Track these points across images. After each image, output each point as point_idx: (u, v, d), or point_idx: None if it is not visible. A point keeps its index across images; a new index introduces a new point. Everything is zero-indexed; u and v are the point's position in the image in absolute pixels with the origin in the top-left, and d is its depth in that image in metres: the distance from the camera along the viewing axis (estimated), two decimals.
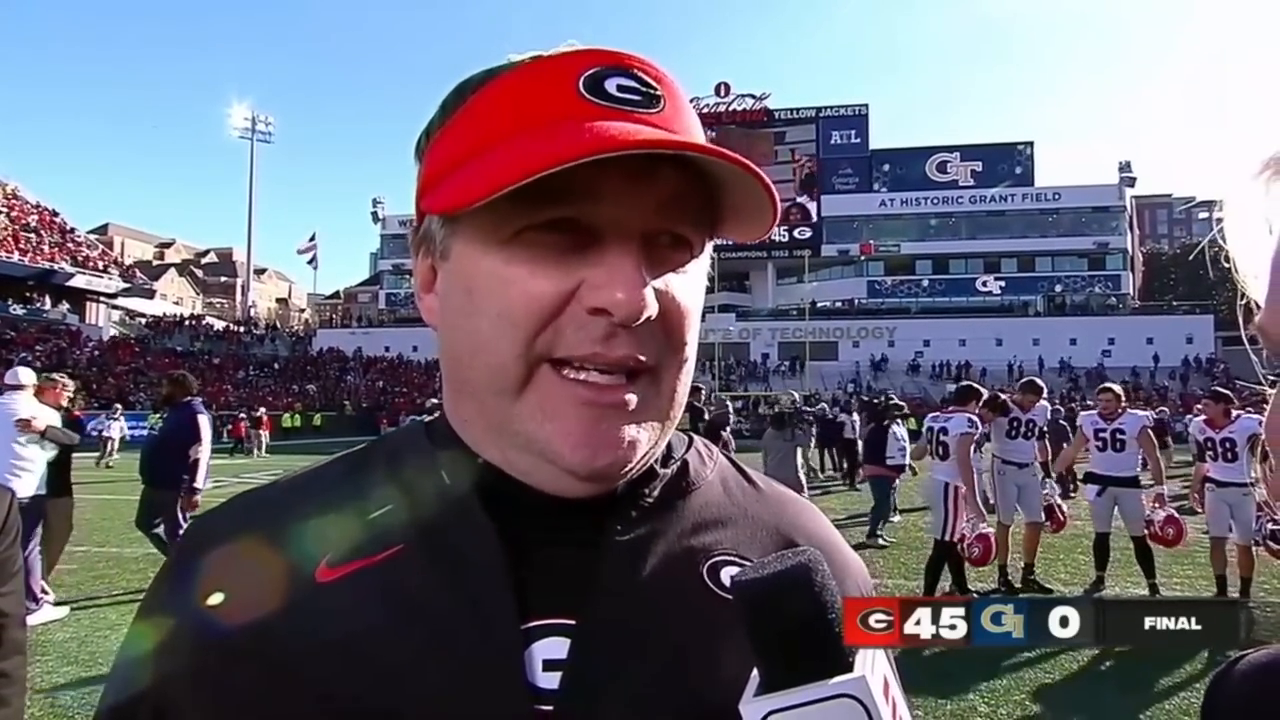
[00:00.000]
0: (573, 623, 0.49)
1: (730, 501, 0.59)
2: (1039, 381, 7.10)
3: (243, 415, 25.05)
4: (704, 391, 12.75)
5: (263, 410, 26.62)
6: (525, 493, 0.51)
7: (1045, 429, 7.19)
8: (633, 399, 0.49)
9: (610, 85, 0.48)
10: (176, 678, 0.50)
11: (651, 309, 0.47)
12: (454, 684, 0.46)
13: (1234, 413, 6.28)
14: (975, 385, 6.90)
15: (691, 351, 0.52)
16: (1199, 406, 6.70)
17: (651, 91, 0.49)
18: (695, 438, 0.63)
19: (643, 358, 0.48)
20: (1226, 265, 0.44)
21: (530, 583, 0.49)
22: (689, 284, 0.51)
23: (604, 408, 0.48)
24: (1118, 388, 6.87)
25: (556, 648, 0.48)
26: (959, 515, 5.98)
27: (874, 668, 0.40)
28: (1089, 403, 7.37)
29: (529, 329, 0.47)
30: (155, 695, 0.50)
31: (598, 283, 0.46)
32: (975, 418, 6.25)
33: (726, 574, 0.52)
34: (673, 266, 0.50)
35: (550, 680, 0.47)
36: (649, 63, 0.50)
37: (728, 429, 9.20)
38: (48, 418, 5.44)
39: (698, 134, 0.52)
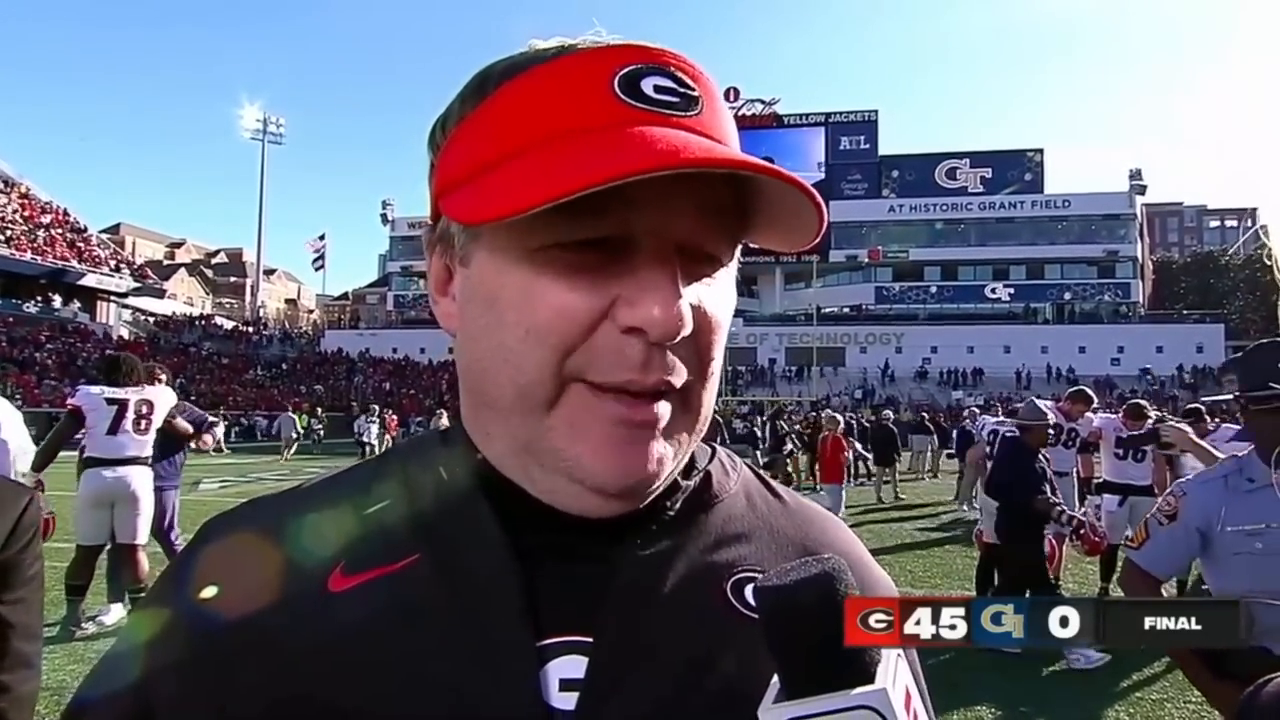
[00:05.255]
0: (589, 640, 0.47)
1: (754, 515, 0.57)
2: (1089, 391, 6.99)
3: (392, 414, 25.86)
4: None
5: (388, 411, 26.38)
6: (541, 504, 0.49)
7: (1088, 441, 6.93)
8: (664, 416, 0.47)
9: (647, 86, 0.46)
10: (172, 669, 0.49)
11: (688, 326, 0.45)
12: (468, 704, 0.45)
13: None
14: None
15: (719, 365, 0.51)
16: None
17: (689, 92, 0.47)
18: (718, 449, 0.61)
19: (675, 379, 0.47)
20: (1267, 276, 0.43)
21: (545, 598, 0.48)
22: (720, 296, 0.49)
23: (636, 426, 0.46)
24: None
25: (573, 666, 0.46)
26: None
27: (896, 679, 0.39)
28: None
29: (560, 347, 0.45)
30: (145, 687, 0.49)
31: (633, 299, 0.44)
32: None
33: (749, 591, 0.50)
34: (705, 279, 0.48)
35: (567, 700, 0.46)
36: (686, 60, 0.48)
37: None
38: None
39: (734, 137, 0.50)
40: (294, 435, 21.70)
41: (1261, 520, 1.96)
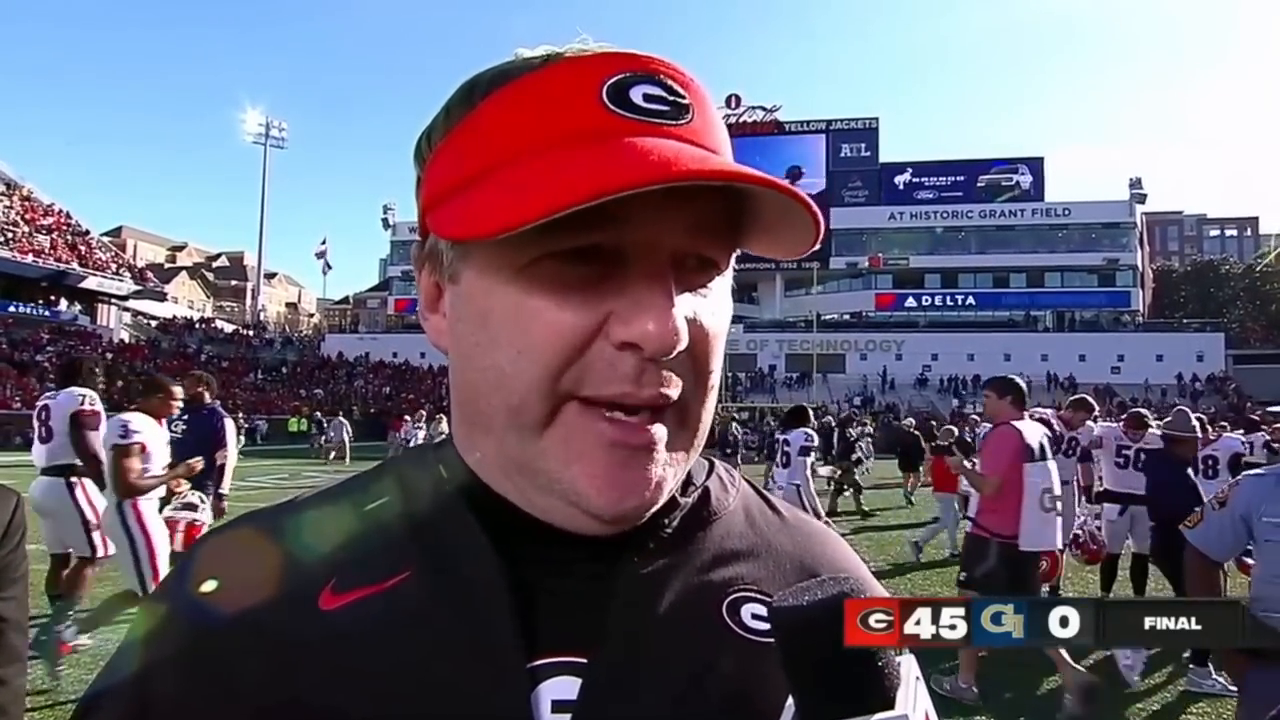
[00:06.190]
0: (583, 661, 0.46)
1: (753, 532, 0.56)
2: (1090, 399, 6.96)
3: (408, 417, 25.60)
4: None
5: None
6: (536, 522, 0.48)
7: (1088, 449, 6.83)
8: (661, 436, 0.46)
9: (636, 94, 0.45)
10: (169, 669, 0.48)
11: (683, 341, 0.44)
12: None
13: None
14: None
15: (717, 379, 0.50)
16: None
17: (680, 100, 0.46)
18: (716, 463, 0.60)
19: (671, 394, 0.45)
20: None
21: (539, 617, 0.47)
22: (716, 306, 0.48)
23: (633, 448, 0.45)
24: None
25: (566, 688, 0.46)
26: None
27: (916, 705, 0.39)
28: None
29: (553, 366, 0.44)
30: (142, 686, 0.48)
31: (627, 315, 0.43)
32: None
33: (747, 611, 0.50)
34: (700, 289, 0.47)
35: None
36: (676, 67, 0.47)
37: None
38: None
39: (726, 145, 0.49)
40: (344, 439, 22.41)
41: None
